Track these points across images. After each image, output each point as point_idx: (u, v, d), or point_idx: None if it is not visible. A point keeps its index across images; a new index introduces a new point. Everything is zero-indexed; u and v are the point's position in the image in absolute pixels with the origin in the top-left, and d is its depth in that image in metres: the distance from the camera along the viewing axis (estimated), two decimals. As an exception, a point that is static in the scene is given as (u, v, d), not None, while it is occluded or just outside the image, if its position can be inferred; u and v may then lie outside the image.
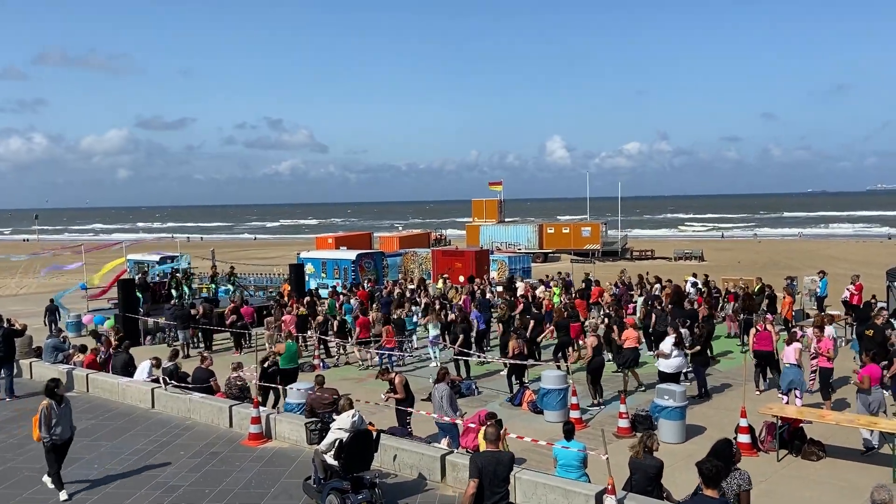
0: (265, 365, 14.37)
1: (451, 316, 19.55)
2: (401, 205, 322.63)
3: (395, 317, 19.94)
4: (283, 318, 20.57)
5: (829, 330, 15.50)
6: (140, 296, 24.48)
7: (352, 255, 32.86)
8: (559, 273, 28.99)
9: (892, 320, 16.98)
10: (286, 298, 24.19)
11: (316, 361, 19.41)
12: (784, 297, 21.49)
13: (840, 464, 11.45)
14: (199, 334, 22.38)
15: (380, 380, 13.48)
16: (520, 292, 24.86)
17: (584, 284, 26.35)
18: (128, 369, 15.54)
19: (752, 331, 16.15)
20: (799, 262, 45.68)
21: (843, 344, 17.82)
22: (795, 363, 13.51)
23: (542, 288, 25.84)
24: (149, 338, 23.53)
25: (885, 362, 13.88)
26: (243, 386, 13.90)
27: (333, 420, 9.70)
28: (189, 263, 31.67)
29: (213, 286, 29.64)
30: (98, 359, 16.63)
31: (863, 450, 11.81)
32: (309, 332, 20.69)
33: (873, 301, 20.44)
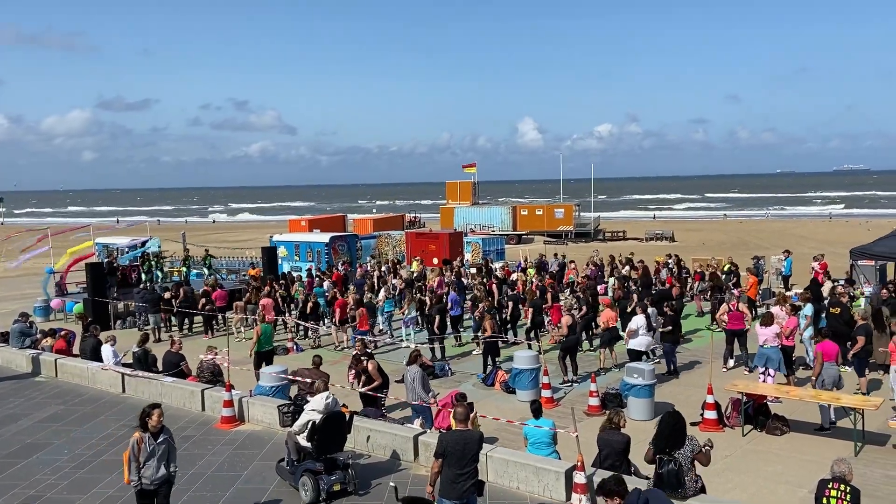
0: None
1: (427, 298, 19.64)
2: (373, 187, 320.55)
3: (366, 299, 19.93)
4: (260, 301, 20.44)
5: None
6: (108, 279, 24.15)
7: (325, 237, 32.69)
8: (542, 255, 29.09)
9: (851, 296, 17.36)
10: (258, 282, 24.00)
11: (290, 344, 19.36)
12: (749, 277, 21.88)
13: (803, 438, 11.77)
14: (172, 318, 22.19)
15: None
16: (496, 273, 25.02)
17: (556, 267, 26.59)
18: (97, 354, 15.37)
19: (724, 307, 16.41)
20: (767, 241, 46.47)
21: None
22: (775, 345, 13.71)
23: (517, 273, 26.00)
24: (119, 322, 23.25)
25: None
26: (215, 369, 13.84)
27: (307, 402, 9.74)
28: (159, 247, 31.30)
29: (186, 269, 29.33)
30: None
31: (818, 424, 12.11)
32: (286, 315, 20.61)
33: (822, 278, 20.83)
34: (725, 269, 23.82)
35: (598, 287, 22.81)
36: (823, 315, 15.89)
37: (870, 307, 15.43)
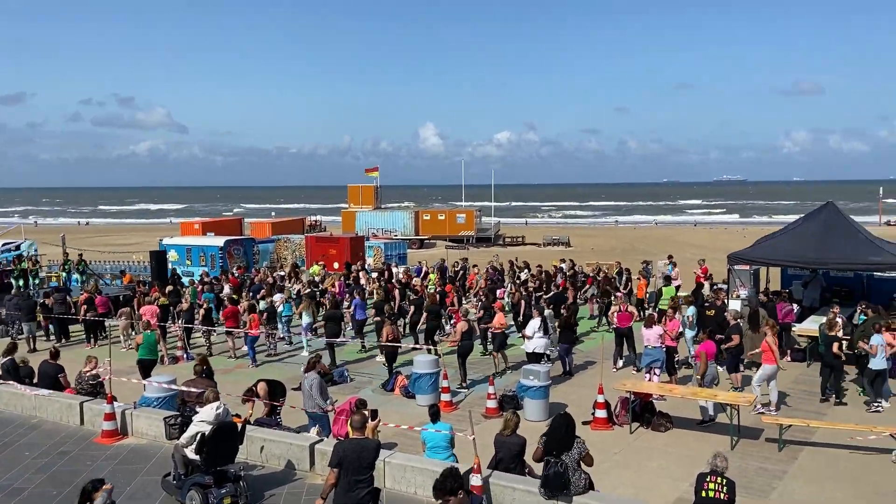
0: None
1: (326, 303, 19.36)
2: (272, 189, 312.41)
3: (265, 305, 19.42)
4: (141, 308, 19.46)
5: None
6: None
7: (220, 241, 31.63)
8: (443, 260, 29.28)
9: (728, 300, 18.54)
10: (145, 288, 22.89)
11: (179, 353, 18.55)
12: (639, 280, 22.96)
13: (685, 434, 12.43)
14: (52, 326, 20.79)
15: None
16: (397, 278, 25.01)
17: (460, 271, 26.92)
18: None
19: (614, 309, 17.14)
20: (654, 247, 48.85)
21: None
22: (659, 346, 14.46)
23: (417, 278, 26.10)
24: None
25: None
26: (95, 381, 13.05)
27: (196, 413, 9.35)
28: (36, 250, 29.28)
29: (65, 274, 27.57)
30: None
31: (700, 419, 12.86)
32: (170, 322, 19.74)
33: (704, 281, 22.31)
34: (615, 273, 24.89)
35: (498, 291, 23.29)
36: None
37: (747, 308, 16.54)
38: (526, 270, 25.98)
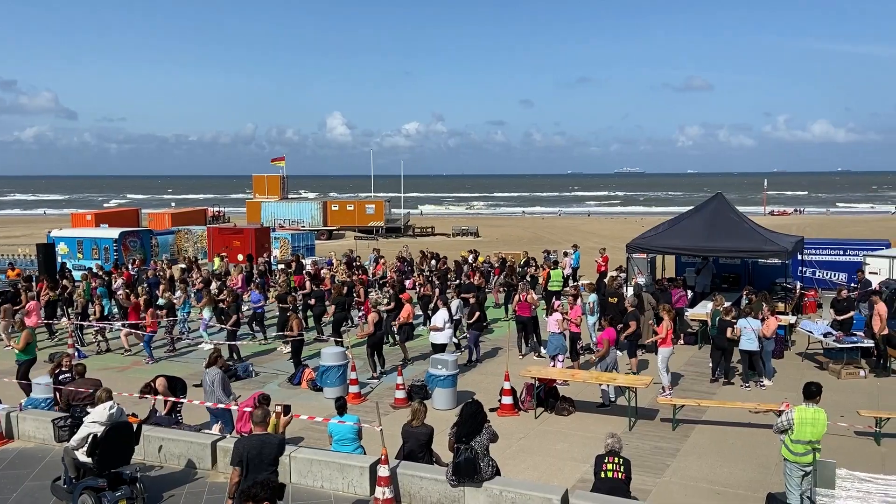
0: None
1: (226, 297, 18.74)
2: (168, 179, 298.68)
3: (162, 300, 18.65)
4: (27, 305, 18.22)
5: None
6: None
7: (114, 233, 30.10)
8: (351, 251, 28.96)
9: (626, 286, 19.34)
10: (22, 282, 21.44)
11: (70, 350, 17.51)
12: (543, 269, 23.52)
13: (586, 417, 12.89)
14: None
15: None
16: (306, 270, 24.55)
17: (372, 263, 26.76)
18: None
19: (515, 298, 17.54)
20: (559, 236, 50.25)
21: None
22: (559, 332, 14.88)
23: (325, 269, 25.74)
24: None
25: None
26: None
27: (87, 414, 8.88)
28: None
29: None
30: None
31: (599, 402, 13.39)
32: (63, 320, 18.62)
33: (605, 269, 23.28)
34: (522, 262, 25.43)
35: (407, 282, 23.29)
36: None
37: (634, 296, 17.29)
38: (434, 261, 26.14)
